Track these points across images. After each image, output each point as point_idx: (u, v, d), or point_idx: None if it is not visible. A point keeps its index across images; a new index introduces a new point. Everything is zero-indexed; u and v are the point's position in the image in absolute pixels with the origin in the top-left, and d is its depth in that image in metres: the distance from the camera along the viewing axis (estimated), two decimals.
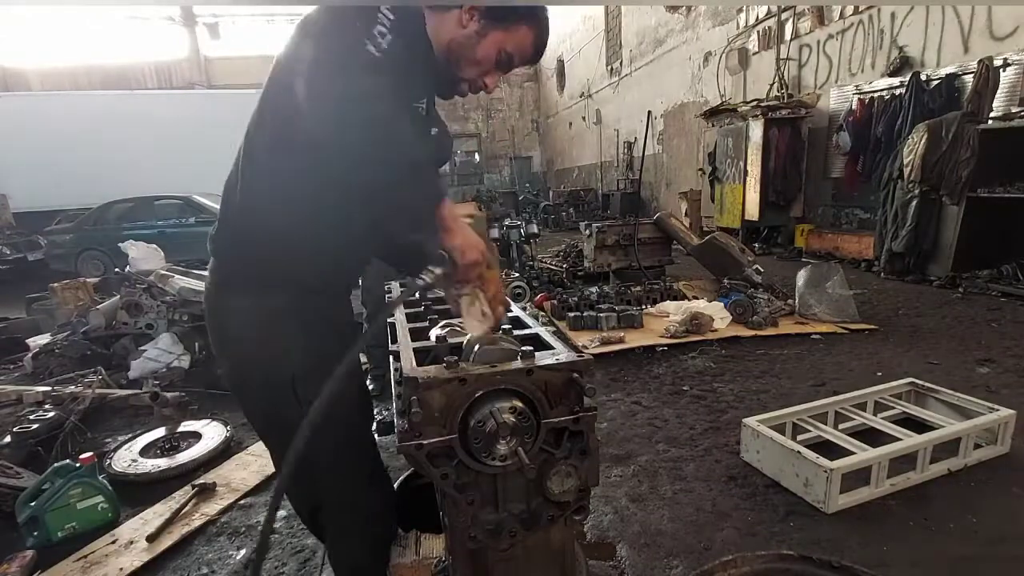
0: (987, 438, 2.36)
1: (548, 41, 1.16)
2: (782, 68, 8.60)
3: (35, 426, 2.89)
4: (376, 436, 1.97)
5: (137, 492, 2.49)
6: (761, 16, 9.14)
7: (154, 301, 4.22)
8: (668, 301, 4.96)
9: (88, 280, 5.45)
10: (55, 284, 5.20)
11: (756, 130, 7.93)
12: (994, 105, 5.37)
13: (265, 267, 1.13)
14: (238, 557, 2.04)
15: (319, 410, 0.82)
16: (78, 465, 2.26)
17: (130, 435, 3.04)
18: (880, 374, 3.35)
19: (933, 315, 4.60)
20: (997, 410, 2.37)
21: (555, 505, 1.00)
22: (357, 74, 0.87)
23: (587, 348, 3.94)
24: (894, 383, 2.80)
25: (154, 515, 2.29)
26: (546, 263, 7.04)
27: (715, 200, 9.23)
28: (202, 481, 2.51)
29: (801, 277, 4.63)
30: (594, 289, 5.23)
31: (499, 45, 1.10)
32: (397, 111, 0.94)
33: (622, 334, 4.22)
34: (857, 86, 7.31)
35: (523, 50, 1.13)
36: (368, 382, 1.49)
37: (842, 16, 7.60)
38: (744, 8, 9.52)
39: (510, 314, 1.37)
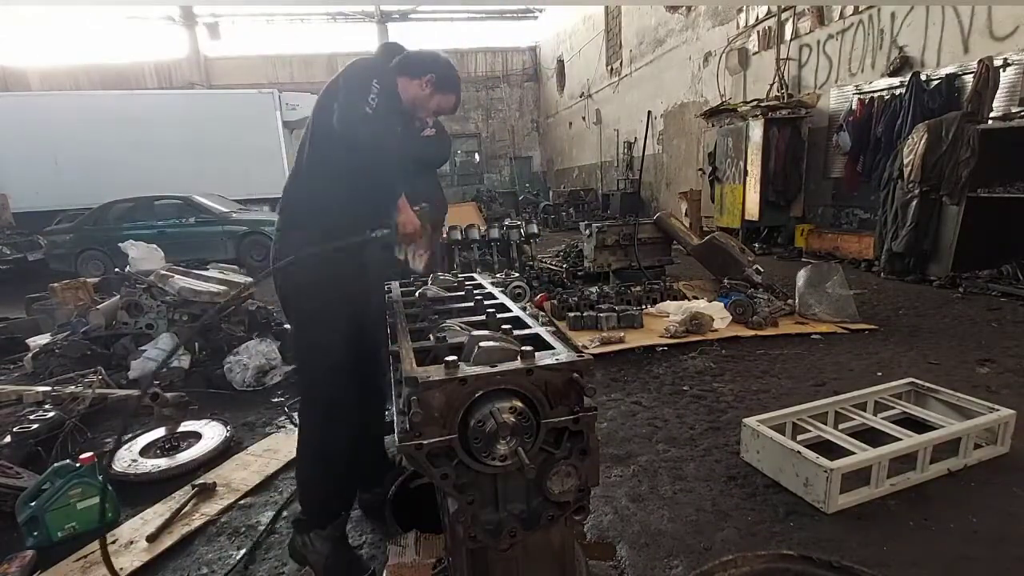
0: (987, 438, 2.36)
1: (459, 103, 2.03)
2: (782, 68, 8.60)
3: (35, 426, 2.88)
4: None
5: (137, 492, 2.50)
6: (761, 16, 9.14)
7: (154, 301, 4.22)
8: (668, 301, 4.96)
9: (88, 280, 5.44)
10: (55, 284, 5.20)
11: (756, 130, 7.93)
12: (994, 105, 5.36)
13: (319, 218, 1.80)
14: (238, 557, 2.04)
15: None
16: (78, 465, 2.26)
17: (130, 435, 3.04)
18: (880, 374, 3.35)
19: (933, 315, 4.60)
20: (997, 410, 2.37)
21: (555, 505, 1.00)
22: (359, 122, 1.68)
23: (587, 348, 3.94)
24: (894, 383, 2.80)
25: (154, 515, 2.29)
26: (546, 263, 7.04)
27: (715, 200, 9.22)
28: (202, 481, 2.51)
29: (801, 277, 4.63)
30: (594, 289, 5.23)
31: (439, 100, 1.92)
32: (386, 140, 1.74)
33: (622, 334, 4.22)
34: (857, 86, 7.31)
35: (449, 106, 1.97)
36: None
37: (842, 16, 7.60)
38: (744, 8, 9.53)
39: (510, 314, 1.38)
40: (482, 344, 0.99)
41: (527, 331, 1.22)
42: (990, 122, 5.28)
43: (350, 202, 1.79)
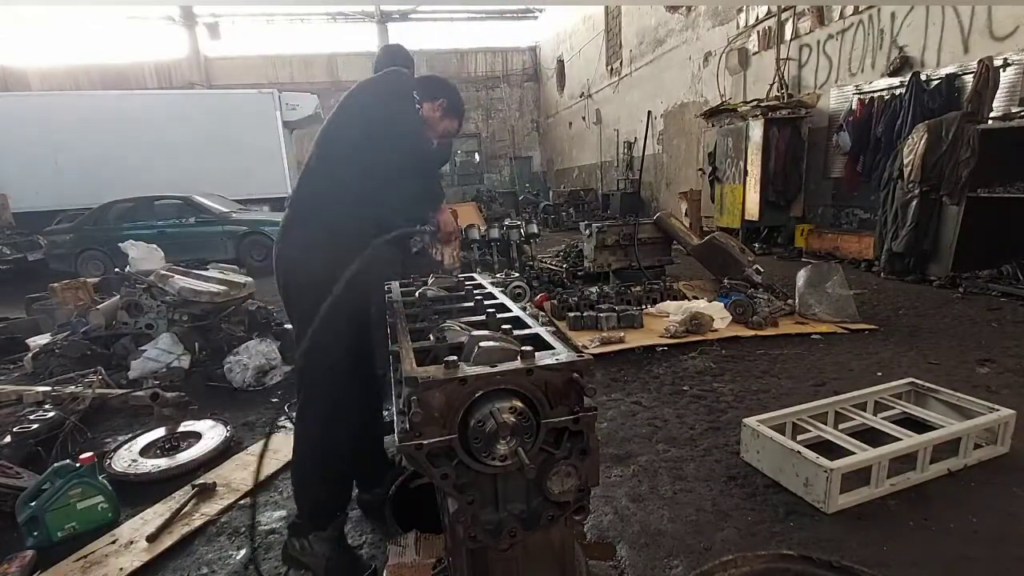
0: (987, 438, 2.36)
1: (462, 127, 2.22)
2: (782, 68, 8.60)
3: (35, 426, 2.88)
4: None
5: (137, 492, 2.49)
6: (761, 16, 9.14)
7: (154, 301, 4.22)
8: (668, 301, 4.96)
9: (88, 280, 5.44)
10: (55, 284, 5.19)
11: (756, 130, 7.93)
12: (994, 105, 5.36)
13: (328, 219, 1.84)
14: (238, 557, 2.04)
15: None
16: (78, 465, 2.26)
17: (130, 435, 3.04)
18: (880, 374, 3.35)
19: (933, 315, 4.60)
20: (997, 410, 2.37)
21: (555, 505, 1.00)
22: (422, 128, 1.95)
23: (587, 348, 3.94)
24: (894, 383, 2.80)
25: (154, 515, 2.29)
26: (546, 263, 7.04)
27: (715, 200, 9.22)
28: (202, 481, 2.51)
29: (801, 277, 4.63)
30: (594, 289, 5.23)
31: (446, 124, 2.08)
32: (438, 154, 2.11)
33: (622, 334, 4.22)
34: (857, 86, 7.31)
35: (453, 130, 2.13)
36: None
37: (842, 16, 7.60)
38: (744, 8, 9.52)
39: (510, 314, 1.39)
40: (482, 344, 0.99)
41: (527, 331, 1.21)
42: (990, 122, 5.28)
43: (356, 204, 1.82)
